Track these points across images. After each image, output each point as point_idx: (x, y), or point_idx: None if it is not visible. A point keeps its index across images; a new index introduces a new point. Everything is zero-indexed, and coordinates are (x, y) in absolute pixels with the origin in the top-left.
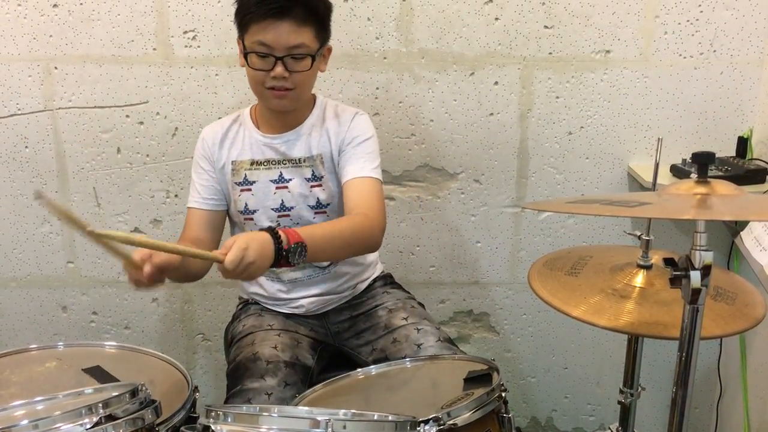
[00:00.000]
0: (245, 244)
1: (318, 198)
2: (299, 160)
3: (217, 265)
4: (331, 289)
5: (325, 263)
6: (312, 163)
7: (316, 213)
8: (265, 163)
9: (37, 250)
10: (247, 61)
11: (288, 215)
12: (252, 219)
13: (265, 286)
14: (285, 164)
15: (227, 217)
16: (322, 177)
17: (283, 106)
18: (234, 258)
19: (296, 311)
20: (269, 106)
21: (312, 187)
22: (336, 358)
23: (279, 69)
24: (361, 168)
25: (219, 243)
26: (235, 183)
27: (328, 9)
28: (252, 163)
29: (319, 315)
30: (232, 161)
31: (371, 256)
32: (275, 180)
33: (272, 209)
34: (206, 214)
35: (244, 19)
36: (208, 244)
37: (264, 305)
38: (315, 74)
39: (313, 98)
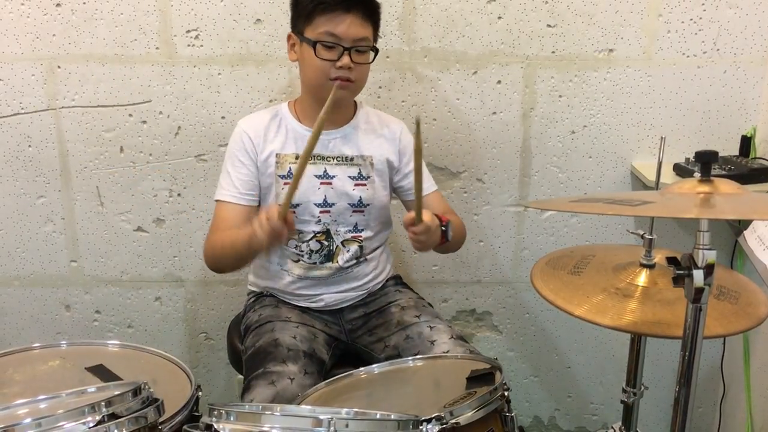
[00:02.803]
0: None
1: (360, 197)
2: (348, 158)
3: (411, 229)
4: (351, 288)
5: (352, 262)
6: (361, 162)
7: (354, 211)
8: (311, 158)
9: (40, 249)
10: (314, 51)
11: (329, 211)
12: (294, 212)
13: (285, 280)
14: (330, 161)
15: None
16: (368, 177)
17: (342, 96)
18: (430, 217)
19: (313, 305)
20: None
21: (356, 185)
22: (347, 355)
23: (346, 59)
24: (431, 183)
25: None
26: (279, 176)
27: (380, 12)
28: (297, 157)
29: (334, 311)
30: (276, 154)
31: (386, 254)
32: (320, 175)
33: (315, 204)
34: (242, 209)
35: (310, 10)
36: None
37: (281, 298)
38: (369, 70)
39: (354, 101)
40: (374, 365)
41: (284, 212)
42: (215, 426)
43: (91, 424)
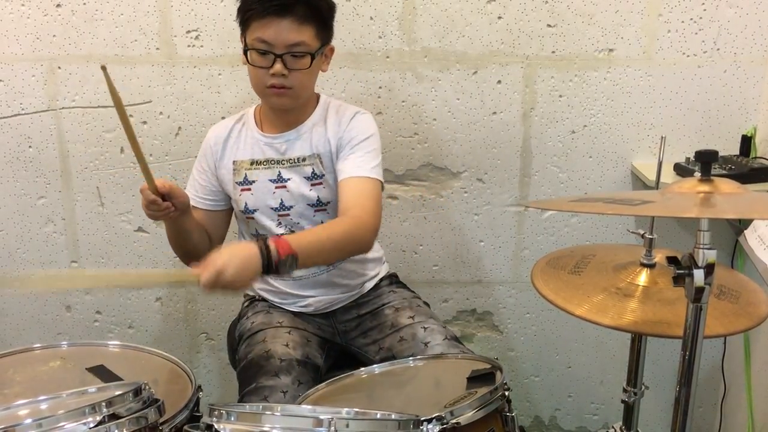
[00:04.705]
0: (223, 264)
1: (318, 196)
2: (300, 159)
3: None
4: (338, 286)
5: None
6: (313, 161)
7: (316, 211)
8: (265, 163)
9: (40, 250)
10: (247, 58)
11: (288, 214)
12: (253, 218)
13: (273, 283)
14: (284, 164)
15: (233, 214)
16: (323, 175)
17: (282, 104)
18: (208, 279)
19: (304, 310)
20: (269, 104)
21: (313, 185)
22: (342, 357)
23: (278, 66)
24: (357, 167)
25: (224, 239)
26: (236, 183)
27: (331, 9)
28: (252, 163)
29: (326, 314)
30: (234, 161)
31: (376, 254)
32: (274, 179)
33: (272, 208)
34: (201, 212)
35: (245, 17)
36: (213, 238)
37: (272, 302)
38: (315, 74)
39: (317, 97)
40: (375, 365)
41: (151, 186)
42: (216, 426)
43: (92, 425)
